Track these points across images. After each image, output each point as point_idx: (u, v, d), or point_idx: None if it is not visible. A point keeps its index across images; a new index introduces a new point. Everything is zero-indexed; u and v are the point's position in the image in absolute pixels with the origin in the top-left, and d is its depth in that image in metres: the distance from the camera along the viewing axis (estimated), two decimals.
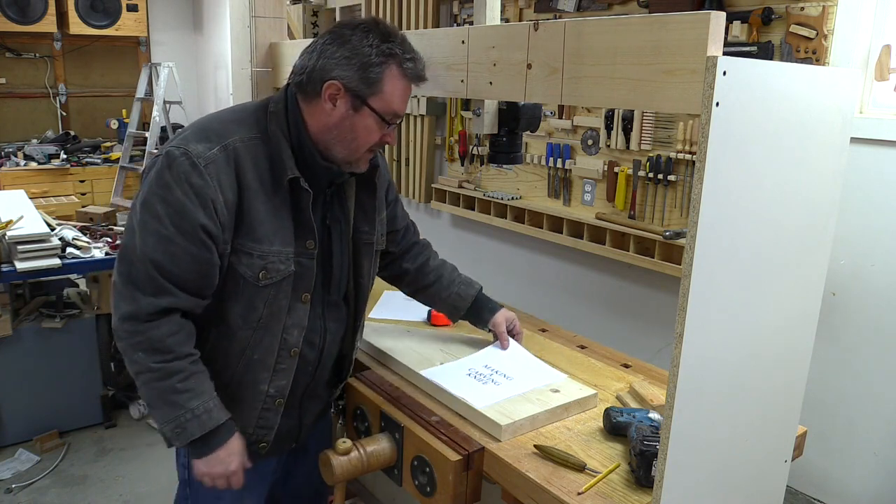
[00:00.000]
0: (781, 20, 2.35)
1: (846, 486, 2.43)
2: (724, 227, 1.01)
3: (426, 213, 4.18)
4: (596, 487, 1.23)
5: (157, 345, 1.28)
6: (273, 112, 1.38)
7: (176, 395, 1.29)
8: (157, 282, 1.27)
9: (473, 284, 1.77)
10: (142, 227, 1.27)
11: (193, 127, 1.35)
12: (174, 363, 1.30)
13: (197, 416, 1.31)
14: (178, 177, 1.25)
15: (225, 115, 1.39)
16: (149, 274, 1.26)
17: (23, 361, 2.94)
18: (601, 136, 3.02)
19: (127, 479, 2.81)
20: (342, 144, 1.36)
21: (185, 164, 1.26)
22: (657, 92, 1.03)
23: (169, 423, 1.31)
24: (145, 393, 1.33)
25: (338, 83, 1.31)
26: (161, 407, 1.31)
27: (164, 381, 1.29)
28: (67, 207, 3.98)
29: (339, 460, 1.39)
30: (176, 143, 1.29)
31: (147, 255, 1.26)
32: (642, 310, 3.00)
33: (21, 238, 2.75)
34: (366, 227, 1.53)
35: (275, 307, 1.37)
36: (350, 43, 1.31)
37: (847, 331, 2.35)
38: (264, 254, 1.33)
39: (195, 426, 1.31)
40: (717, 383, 1.09)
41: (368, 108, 1.32)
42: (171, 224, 1.25)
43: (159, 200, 1.26)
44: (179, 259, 1.26)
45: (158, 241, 1.26)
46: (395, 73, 1.32)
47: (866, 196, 2.25)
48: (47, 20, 5.82)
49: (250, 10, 2.04)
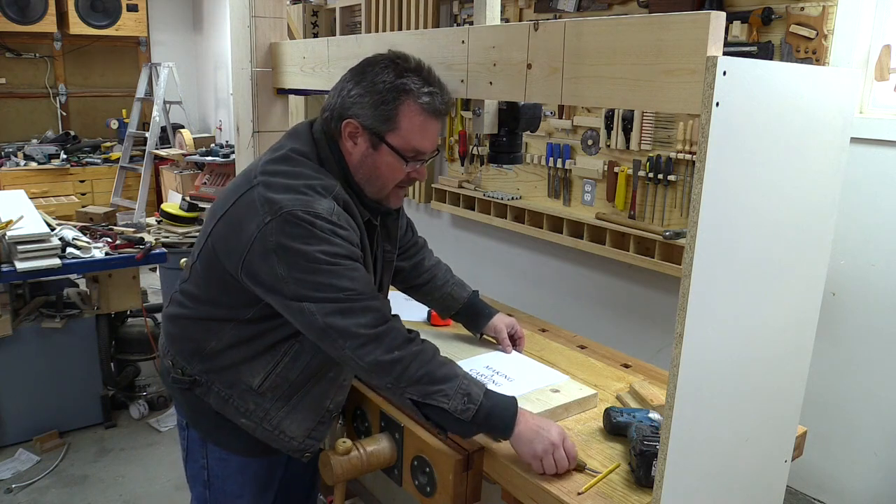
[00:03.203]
0: (781, 20, 2.35)
1: (846, 486, 2.43)
2: (724, 227, 1.01)
3: (426, 213, 4.18)
4: (596, 487, 1.23)
5: (410, 334, 1.30)
6: (325, 159, 1.38)
7: (444, 366, 1.29)
8: (367, 296, 1.28)
9: (466, 287, 1.80)
10: (322, 277, 1.25)
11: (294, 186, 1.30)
12: (422, 343, 1.31)
13: (470, 378, 1.31)
14: (328, 233, 1.25)
15: (304, 167, 1.35)
16: (355, 298, 1.26)
17: (23, 361, 2.94)
18: (601, 136, 3.02)
19: (127, 479, 2.81)
20: (369, 183, 1.38)
21: (322, 223, 1.25)
22: (657, 92, 1.03)
23: (455, 395, 1.26)
24: (416, 390, 1.27)
25: (354, 122, 1.33)
26: (440, 387, 1.27)
27: (430, 359, 1.29)
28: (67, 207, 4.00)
29: (339, 460, 1.39)
30: (295, 206, 1.26)
31: (346, 287, 1.25)
32: (642, 310, 3.00)
33: (21, 238, 2.75)
34: (388, 246, 1.56)
35: None
36: (366, 80, 1.32)
37: (847, 331, 2.35)
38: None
39: (475, 387, 1.29)
40: (717, 383, 1.09)
41: (387, 145, 1.33)
42: (346, 259, 1.26)
43: (323, 254, 1.24)
44: (363, 278, 1.29)
45: (344, 276, 1.26)
46: (411, 109, 1.31)
47: (866, 196, 2.25)
48: (47, 20, 5.83)
49: (250, 10, 2.04)
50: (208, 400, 1.45)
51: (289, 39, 2.12)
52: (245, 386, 1.42)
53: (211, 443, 1.52)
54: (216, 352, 1.41)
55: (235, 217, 1.32)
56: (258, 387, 1.41)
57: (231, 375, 1.42)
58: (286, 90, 2.12)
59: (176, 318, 1.48)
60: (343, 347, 1.26)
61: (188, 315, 1.45)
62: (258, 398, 1.42)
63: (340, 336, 1.26)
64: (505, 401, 1.31)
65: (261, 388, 1.41)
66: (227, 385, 1.43)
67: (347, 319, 1.25)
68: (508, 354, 1.72)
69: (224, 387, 1.43)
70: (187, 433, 1.55)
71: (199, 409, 1.48)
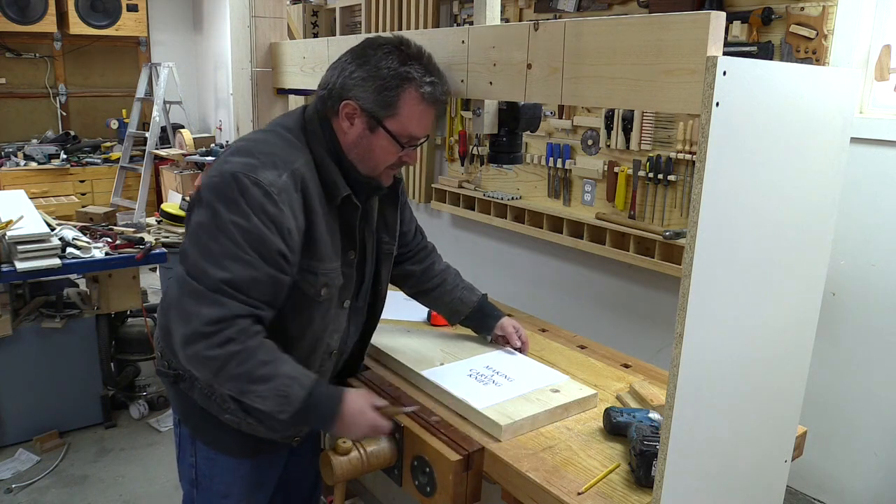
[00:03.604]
0: (781, 20, 2.35)
1: (846, 486, 2.43)
2: (724, 227, 1.01)
3: (426, 213, 4.18)
4: (596, 487, 1.23)
5: (234, 335, 1.25)
6: (312, 132, 1.38)
7: (265, 367, 1.26)
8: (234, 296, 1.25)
9: (476, 291, 1.80)
10: (220, 250, 1.24)
11: (251, 150, 1.32)
12: (253, 339, 1.27)
13: (294, 378, 1.28)
14: (254, 206, 1.24)
15: (277, 139, 1.36)
16: (226, 291, 1.24)
17: (23, 361, 2.94)
18: (601, 136, 3.02)
19: (127, 479, 2.81)
20: (362, 162, 1.39)
21: (258, 193, 1.25)
22: (657, 92, 1.03)
23: (269, 397, 1.26)
24: (233, 387, 1.27)
25: (354, 104, 1.33)
26: (255, 387, 1.26)
27: (250, 360, 1.25)
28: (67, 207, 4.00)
29: (339, 460, 1.39)
30: (242, 170, 1.27)
31: (227, 277, 1.24)
32: (642, 310, 3.00)
33: (21, 238, 2.75)
34: (386, 238, 1.57)
35: (326, 317, 1.43)
36: (369, 63, 1.32)
37: (847, 331, 2.35)
38: (326, 271, 1.38)
39: (296, 388, 1.27)
40: (717, 383, 1.09)
41: (384, 129, 1.34)
42: (253, 251, 1.24)
43: (236, 227, 1.24)
44: (260, 282, 1.26)
45: (240, 266, 1.24)
46: (412, 97, 1.33)
47: (866, 196, 2.25)
48: (47, 20, 5.83)
49: (250, 10, 2.04)
50: (193, 395, 1.45)
51: (289, 39, 2.12)
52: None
53: (199, 441, 1.52)
54: None
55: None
56: None
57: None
58: (286, 90, 2.12)
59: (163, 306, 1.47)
60: (176, 330, 1.26)
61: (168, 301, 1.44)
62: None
63: (182, 317, 1.25)
64: (329, 399, 1.32)
65: None
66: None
67: (197, 306, 1.23)
68: (510, 354, 1.72)
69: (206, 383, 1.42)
70: (179, 430, 1.55)
71: (186, 404, 1.48)
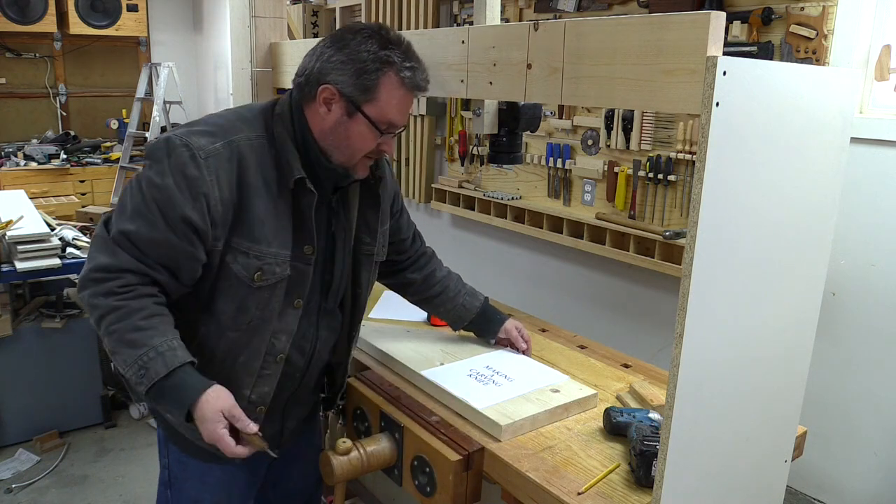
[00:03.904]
0: (781, 20, 2.35)
1: (846, 486, 2.43)
2: (724, 227, 1.01)
3: (426, 213, 4.18)
4: (596, 487, 1.23)
5: (118, 289, 1.23)
6: (279, 114, 1.36)
7: (137, 332, 1.21)
8: (129, 249, 1.25)
9: (478, 296, 1.77)
10: (133, 203, 1.26)
11: (201, 121, 1.34)
12: (138, 301, 1.23)
13: (160, 353, 1.21)
14: (175, 166, 1.24)
15: (232, 114, 1.37)
16: (123, 243, 1.25)
17: (23, 361, 2.94)
18: (601, 136, 3.02)
19: (127, 479, 2.81)
20: (338, 150, 1.35)
21: (184, 154, 1.24)
22: (657, 92, 1.03)
23: (131, 365, 1.21)
24: (109, 343, 1.24)
25: (332, 88, 1.29)
26: (122, 350, 1.22)
27: (125, 319, 1.22)
28: (67, 207, 3.98)
29: (339, 460, 1.39)
30: (179, 133, 1.28)
31: (128, 229, 1.24)
32: (642, 310, 3.00)
33: (21, 238, 2.75)
34: (367, 239, 1.51)
35: (266, 311, 1.34)
36: (348, 48, 1.29)
37: (847, 331, 2.35)
38: (261, 254, 1.30)
39: (159, 364, 1.20)
40: (717, 383, 1.09)
41: (362, 114, 1.30)
42: (158, 209, 1.24)
43: (149, 184, 1.25)
44: (158, 244, 1.24)
45: (143, 222, 1.24)
46: (392, 81, 1.29)
47: (866, 196, 2.25)
48: (47, 20, 5.82)
49: (250, 10, 2.04)
50: None
51: (289, 39, 2.12)
52: None
53: (171, 442, 1.49)
54: None
55: None
56: None
57: None
58: (286, 90, 2.12)
59: None
60: (82, 273, 1.28)
61: None
62: None
63: (87, 261, 1.28)
64: (188, 387, 1.23)
65: None
66: None
67: (96, 251, 1.26)
68: (510, 354, 1.72)
69: None
70: (158, 430, 1.54)
71: None
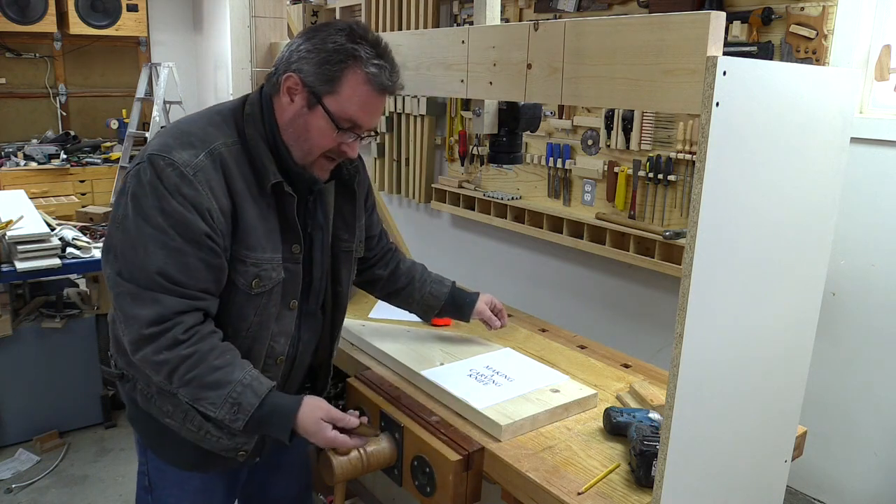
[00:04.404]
0: (781, 20, 2.35)
1: (846, 486, 2.43)
2: (724, 227, 1.01)
3: (426, 213, 4.17)
4: (596, 487, 1.23)
5: (183, 336, 1.21)
6: (249, 114, 1.31)
7: (217, 372, 1.22)
8: (170, 289, 1.21)
9: (445, 282, 1.75)
10: (146, 239, 1.20)
11: (172, 132, 1.28)
12: (205, 342, 1.23)
13: (247, 385, 1.24)
14: (170, 188, 1.19)
15: (202, 119, 1.31)
16: (161, 284, 1.20)
17: (23, 361, 2.94)
18: (601, 136, 3.02)
19: (127, 479, 2.81)
20: (297, 144, 1.30)
21: (172, 174, 1.19)
22: (657, 92, 1.03)
23: (222, 405, 1.22)
24: (186, 392, 1.24)
25: (295, 77, 1.26)
26: (207, 394, 1.22)
27: (201, 364, 1.21)
28: (67, 207, 3.98)
29: (339, 460, 1.39)
30: (158, 151, 1.22)
31: (158, 267, 1.20)
32: (642, 310, 3.00)
33: (21, 238, 2.75)
34: (345, 235, 1.48)
35: (265, 315, 1.33)
36: (317, 38, 1.25)
37: (847, 331, 2.35)
38: (258, 261, 1.29)
39: (249, 395, 1.23)
40: (717, 383, 1.09)
41: (322, 107, 1.25)
42: (178, 235, 1.20)
43: (158, 212, 1.19)
44: (193, 269, 1.21)
45: (168, 253, 1.20)
46: (356, 76, 1.24)
47: (866, 196, 2.25)
48: (47, 20, 5.82)
49: (250, 10, 2.04)
50: (135, 396, 1.39)
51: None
52: (157, 386, 1.34)
53: (149, 450, 1.46)
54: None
55: None
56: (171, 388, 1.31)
57: (145, 374, 1.33)
58: None
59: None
60: (123, 333, 1.24)
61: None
62: (174, 398, 1.33)
63: (123, 321, 1.23)
64: (283, 409, 1.27)
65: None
66: (146, 382, 1.36)
67: (134, 308, 1.21)
68: (510, 354, 1.72)
69: (144, 384, 1.37)
70: (135, 435, 1.50)
71: (132, 407, 1.42)
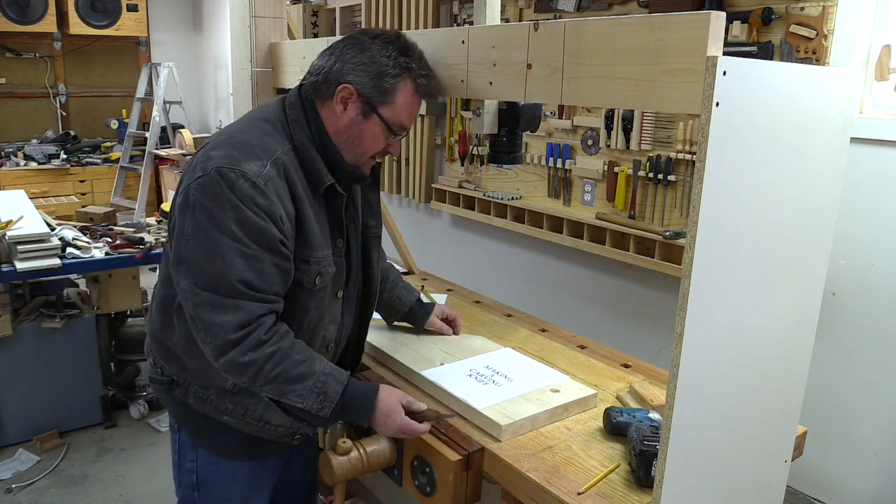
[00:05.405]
0: (781, 20, 2.35)
1: (846, 486, 2.43)
2: (724, 227, 1.01)
3: (426, 213, 4.17)
4: (596, 487, 1.23)
5: (266, 336, 1.28)
6: (294, 120, 1.38)
7: (300, 366, 1.30)
8: (251, 295, 1.27)
9: (413, 292, 1.84)
10: (223, 249, 1.25)
11: (231, 142, 1.32)
12: (285, 339, 1.31)
13: (328, 374, 1.33)
14: (244, 199, 1.24)
15: (253, 129, 1.36)
16: (241, 291, 1.26)
17: (23, 361, 2.94)
18: (601, 136, 3.02)
19: (127, 479, 2.81)
20: (349, 149, 1.40)
21: (246, 186, 1.25)
22: (657, 92, 1.03)
23: (309, 396, 1.30)
24: (272, 389, 1.30)
25: (351, 87, 1.34)
26: (293, 387, 1.30)
27: (285, 360, 1.29)
28: (67, 207, 4.00)
29: (339, 460, 1.39)
30: (226, 164, 1.26)
31: (238, 275, 1.25)
32: (642, 310, 3.00)
33: (21, 238, 2.75)
34: (372, 222, 1.58)
35: (322, 308, 1.43)
36: (370, 51, 1.34)
37: (847, 331, 2.35)
38: (319, 259, 1.37)
39: (333, 383, 1.32)
40: (717, 383, 1.09)
41: (378, 116, 1.36)
42: (255, 244, 1.25)
43: (234, 222, 1.24)
44: (268, 274, 1.28)
45: (247, 261, 1.25)
46: (408, 87, 1.37)
47: (866, 196, 2.25)
48: (47, 20, 5.82)
49: (250, 10, 2.04)
50: (188, 400, 1.44)
51: (289, 39, 2.12)
52: (218, 388, 1.41)
53: (201, 447, 1.51)
54: (182, 350, 1.40)
55: (182, 181, 1.34)
56: (231, 387, 1.39)
57: (203, 378, 1.41)
58: (286, 90, 2.12)
59: (152, 311, 1.48)
60: (204, 341, 1.28)
61: (155, 305, 1.45)
62: (234, 397, 1.41)
63: (205, 330, 1.27)
64: (363, 393, 1.36)
65: (234, 388, 1.39)
66: (202, 386, 1.42)
67: (216, 316, 1.25)
68: (510, 354, 1.72)
69: (200, 387, 1.43)
70: (178, 436, 1.54)
71: (183, 410, 1.47)
